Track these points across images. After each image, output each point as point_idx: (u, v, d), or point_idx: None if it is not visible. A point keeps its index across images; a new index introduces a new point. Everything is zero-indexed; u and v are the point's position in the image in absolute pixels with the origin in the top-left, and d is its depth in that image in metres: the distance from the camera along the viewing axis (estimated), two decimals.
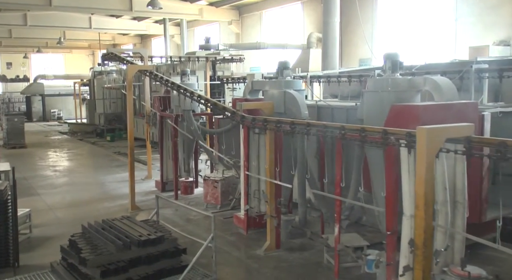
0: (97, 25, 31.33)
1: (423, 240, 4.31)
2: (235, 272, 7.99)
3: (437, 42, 17.16)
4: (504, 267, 7.96)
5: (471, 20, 15.96)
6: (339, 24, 16.26)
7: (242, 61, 18.93)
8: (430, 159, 4.22)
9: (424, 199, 4.25)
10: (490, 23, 15.33)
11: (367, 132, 5.63)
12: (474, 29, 15.80)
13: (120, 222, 7.41)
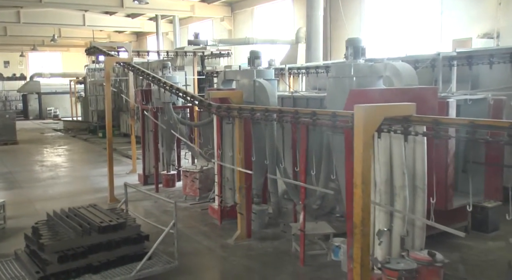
0: (91, 23, 31.37)
1: (361, 219, 4.29)
2: (202, 260, 8.00)
3: (423, 35, 17.13)
4: (470, 254, 7.94)
5: (457, 13, 15.92)
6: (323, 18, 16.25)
7: (229, 56, 18.94)
8: (367, 138, 4.20)
9: (362, 178, 4.23)
10: (475, 16, 15.29)
11: (318, 116, 5.62)
12: (460, 22, 15.76)
13: (85, 210, 7.41)
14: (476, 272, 7.21)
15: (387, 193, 6.26)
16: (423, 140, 6.43)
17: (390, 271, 5.86)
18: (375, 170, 6.25)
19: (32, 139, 26.06)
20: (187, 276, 7.21)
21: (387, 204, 6.28)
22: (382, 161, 6.14)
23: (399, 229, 6.40)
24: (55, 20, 30.48)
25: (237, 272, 7.46)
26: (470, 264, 7.56)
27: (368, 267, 4.50)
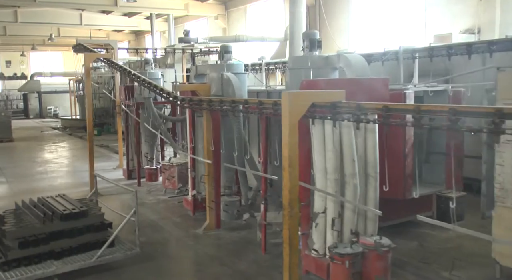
0: (88, 22, 31.66)
1: (289, 200, 4.48)
2: (168, 249, 8.20)
3: (409, 30, 17.27)
4: (431, 242, 8.11)
5: (440, 9, 16.05)
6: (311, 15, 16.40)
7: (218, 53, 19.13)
8: (293, 122, 4.38)
9: (289, 161, 4.42)
10: (457, 12, 15.42)
11: (265, 104, 5.80)
12: (442, 18, 15.89)
13: (52, 199, 7.63)
14: (430, 258, 7.37)
15: (337, 180, 6.44)
16: (374, 129, 6.61)
17: (336, 256, 6.06)
18: (325, 158, 6.45)
19: (28, 137, 26.39)
20: (149, 263, 7.41)
21: (337, 192, 6.46)
22: (331, 149, 6.32)
23: (350, 215, 6.57)
24: (52, 20, 30.75)
25: (199, 259, 7.67)
26: (428, 251, 7.74)
27: (297, 247, 4.68)
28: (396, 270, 6.92)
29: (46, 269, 6.48)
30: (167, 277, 6.92)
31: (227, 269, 7.16)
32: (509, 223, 5.17)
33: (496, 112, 3.65)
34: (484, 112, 3.74)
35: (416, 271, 6.96)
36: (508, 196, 5.14)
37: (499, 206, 5.25)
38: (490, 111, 3.67)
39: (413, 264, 7.20)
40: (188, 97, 7.93)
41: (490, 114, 3.66)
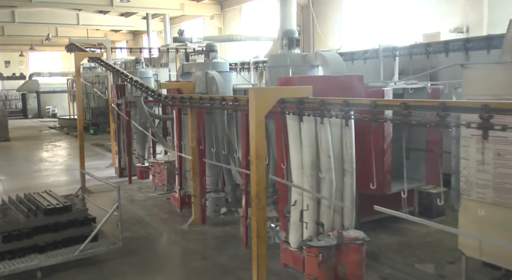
0: (85, 22, 31.83)
1: (256, 192, 4.64)
2: (152, 244, 8.35)
3: (400, 29, 17.42)
4: (411, 237, 8.25)
5: (429, 8, 16.20)
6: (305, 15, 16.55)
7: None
8: (260, 117, 4.54)
9: (256, 154, 4.58)
10: (446, 11, 15.56)
11: (240, 101, 5.97)
12: (432, 17, 16.03)
13: (38, 195, 7.80)
14: (408, 251, 7.52)
15: (313, 175, 6.60)
16: (350, 125, 6.78)
17: (310, 248, 6.22)
18: (301, 154, 6.61)
19: (25, 136, 26.57)
20: (132, 257, 7.57)
21: (313, 187, 6.62)
22: (307, 145, 6.48)
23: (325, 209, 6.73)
24: (49, 20, 30.94)
25: (181, 253, 7.84)
26: (407, 245, 7.89)
27: (265, 238, 4.85)
28: (373, 263, 7.08)
29: (29, 262, 6.64)
30: (148, 270, 7.08)
31: (208, 263, 7.33)
32: (474, 215, 5.32)
33: (482, 107, 3.67)
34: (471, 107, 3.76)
35: (392, 264, 7.11)
36: (473, 189, 5.29)
37: (465, 199, 5.40)
38: (477, 107, 3.67)
39: (390, 258, 7.34)
40: (170, 95, 8.09)
41: (477, 109, 3.68)
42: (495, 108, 3.64)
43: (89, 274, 6.93)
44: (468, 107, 3.88)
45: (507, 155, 4.89)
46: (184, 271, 7.14)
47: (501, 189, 4.99)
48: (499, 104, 3.68)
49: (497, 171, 5.04)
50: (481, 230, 5.22)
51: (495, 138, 5.02)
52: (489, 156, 5.11)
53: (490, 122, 3.72)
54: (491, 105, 3.66)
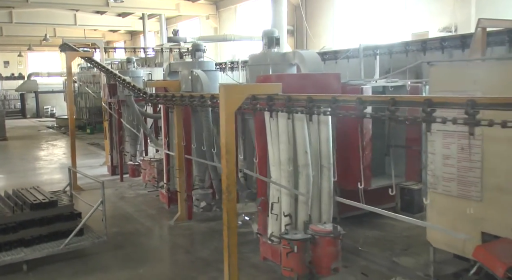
0: (82, 22, 32.06)
1: (226, 185, 4.83)
2: (137, 238, 8.54)
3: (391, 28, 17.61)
4: (390, 231, 8.44)
5: (419, 8, 16.38)
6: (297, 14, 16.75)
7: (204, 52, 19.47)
8: (229, 113, 4.73)
9: (226, 148, 4.77)
10: (435, 11, 15.75)
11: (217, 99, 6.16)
12: (422, 17, 16.22)
13: (26, 191, 7.99)
14: (386, 245, 7.71)
15: (289, 171, 6.78)
16: (327, 122, 6.97)
17: (285, 241, 6.41)
18: (278, 150, 6.80)
19: (23, 136, 26.81)
20: (117, 251, 7.78)
21: (290, 182, 6.80)
22: (283, 141, 6.67)
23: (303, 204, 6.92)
24: (47, 20, 31.18)
25: (165, 247, 8.05)
26: (386, 239, 8.08)
27: (235, 230, 5.04)
28: (350, 256, 7.28)
29: (15, 255, 6.83)
30: (131, 263, 7.27)
31: (190, 256, 7.53)
32: (440, 208, 5.50)
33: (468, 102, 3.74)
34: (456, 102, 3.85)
35: (369, 257, 7.29)
36: (439, 182, 5.48)
37: (432, 192, 5.59)
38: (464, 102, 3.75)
39: (367, 251, 7.53)
40: (155, 93, 8.29)
41: (463, 104, 3.76)
42: (482, 103, 3.64)
43: (74, 267, 7.12)
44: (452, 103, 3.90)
45: (470, 150, 5.08)
46: (166, 264, 7.34)
47: (464, 182, 5.18)
48: (485, 99, 3.69)
49: (460, 165, 5.22)
50: (447, 222, 5.41)
51: (458, 132, 5.21)
52: (453, 150, 5.29)
53: (476, 118, 3.74)
54: (478, 101, 3.69)
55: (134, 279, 6.77)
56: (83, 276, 6.83)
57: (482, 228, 5.04)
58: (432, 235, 5.67)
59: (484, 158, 4.99)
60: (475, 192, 5.05)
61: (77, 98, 30.79)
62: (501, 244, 4.63)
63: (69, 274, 6.90)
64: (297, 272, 6.32)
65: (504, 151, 4.78)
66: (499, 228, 4.86)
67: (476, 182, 5.06)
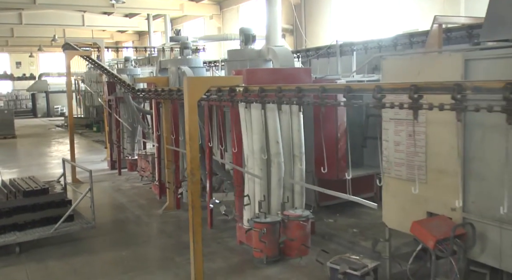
0: (89, 23, 32.79)
1: (190, 169, 5.30)
2: (126, 225, 9.07)
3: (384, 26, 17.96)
4: (365, 219, 8.85)
5: (411, 5, 16.73)
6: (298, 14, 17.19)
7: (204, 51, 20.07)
8: (192, 103, 5.19)
9: (189, 136, 5.24)
10: (426, 8, 16.06)
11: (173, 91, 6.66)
12: (413, 14, 16.56)
13: (21, 180, 8.55)
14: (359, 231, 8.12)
15: (262, 159, 7.25)
16: (298, 113, 7.42)
17: (257, 224, 6.88)
18: (252, 140, 7.27)
19: (31, 134, 27.56)
20: (106, 237, 8.32)
21: (263, 170, 7.27)
22: (256, 132, 7.14)
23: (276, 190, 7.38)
24: (55, 21, 31.95)
25: (150, 233, 8.55)
26: (360, 226, 8.49)
27: (199, 209, 5.50)
28: (322, 240, 7.72)
29: (8, 238, 7.37)
30: (117, 247, 7.79)
31: (172, 241, 8.02)
32: (393, 191, 5.91)
33: (411, 87, 4.14)
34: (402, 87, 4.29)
35: (340, 241, 7.72)
36: (392, 167, 5.89)
37: (386, 176, 6.00)
38: (408, 87, 4.17)
39: (340, 236, 7.95)
40: (142, 88, 8.80)
41: (408, 89, 4.17)
42: (422, 87, 4.06)
43: (63, 250, 7.65)
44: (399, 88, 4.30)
45: (416, 136, 5.49)
46: (148, 247, 7.83)
47: (412, 166, 5.59)
48: (425, 84, 4.10)
49: (409, 150, 5.64)
50: (399, 204, 5.82)
51: (407, 120, 5.62)
52: (403, 137, 5.71)
53: (420, 102, 4.17)
54: (419, 85, 4.10)
55: (117, 260, 7.27)
56: (71, 257, 7.35)
57: (427, 208, 5.44)
58: (387, 217, 6.08)
59: (428, 143, 5.39)
60: (420, 175, 5.45)
61: (85, 97, 31.54)
62: (435, 221, 5.03)
63: (58, 255, 7.41)
64: (267, 253, 6.79)
65: (443, 136, 5.18)
66: (440, 207, 5.26)
67: (422, 166, 5.47)
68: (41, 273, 6.81)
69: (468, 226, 4.83)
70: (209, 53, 25.78)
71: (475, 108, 3.73)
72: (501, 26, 4.75)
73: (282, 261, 6.88)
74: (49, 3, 25.33)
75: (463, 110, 3.88)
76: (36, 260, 7.26)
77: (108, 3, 25.77)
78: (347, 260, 5.33)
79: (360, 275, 5.05)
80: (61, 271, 6.88)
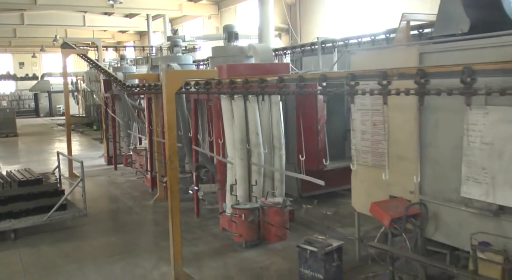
0: (90, 23, 33.27)
1: (169, 156, 5.72)
2: (117, 214, 9.52)
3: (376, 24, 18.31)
4: (344, 208, 9.21)
5: (401, 5, 17.09)
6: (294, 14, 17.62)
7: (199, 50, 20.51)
8: (170, 94, 5.60)
9: (167, 125, 5.65)
10: (416, 8, 16.43)
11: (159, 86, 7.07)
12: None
13: (18, 172, 9.00)
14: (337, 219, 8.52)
15: (243, 149, 7.66)
16: (278, 106, 7.84)
17: (236, 210, 7.29)
18: (233, 131, 7.69)
19: (33, 132, 28.09)
20: (96, 225, 8.76)
21: (243, 159, 7.68)
22: (237, 123, 7.56)
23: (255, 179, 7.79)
24: (57, 22, 32.42)
25: (138, 221, 8.97)
26: (340, 214, 8.88)
27: (177, 193, 5.92)
28: (301, 227, 8.11)
29: (3, 225, 7.81)
30: (107, 233, 8.23)
31: (159, 228, 8.43)
32: (361, 177, 6.31)
33: (380, 73, 4.51)
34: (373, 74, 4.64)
35: (318, 228, 8.10)
36: (360, 155, 6.29)
37: (354, 164, 6.40)
38: (378, 74, 4.52)
39: (319, 224, 8.35)
40: (131, 84, 9.23)
41: (377, 75, 4.53)
42: (390, 74, 4.41)
43: (56, 236, 8.08)
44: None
45: (380, 125, 5.88)
46: (137, 233, 8.24)
47: (376, 153, 5.99)
48: (394, 70, 4.45)
49: (373, 139, 6.04)
50: (366, 189, 6.22)
51: (372, 111, 6.03)
52: (368, 126, 6.11)
53: (388, 88, 4.51)
54: (389, 72, 4.45)
55: (106, 245, 7.70)
56: (63, 243, 7.78)
57: (390, 192, 5.83)
58: (355, 201, 6.48)
59: (390, 131, 5.79)
60: (383, 161, 5.85)
61: (86, 96, 32.04)
62: (392, 202, 5.43)
63: (50, 241, 7.84)
64: (245, 238, 7.20)
65: (402, 125, 5.58)
66: (400, 190, 5.65)
67: (384, 153, 5.86)
68: (34, 257, 7.23)
69: (421, 206, 5.22)
70: (208, 52, 26.17)
71: (436, 92, 4.04)
72: (450, 22, 5.15)
73: (261, 245, 7.29)
74: (50, 4, 25.81)
75: (426, 93, 4.17)
76: (30, 245, 7.69)
77: (108, 3, 26.20)
78: (314, 240, 5.73)
79: (324, 253, 5.44)
80: (53, 255, 7.30)
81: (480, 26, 4.85)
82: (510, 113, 4.31)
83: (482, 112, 4.53)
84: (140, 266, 6.70)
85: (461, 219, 4.93)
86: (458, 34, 5.01)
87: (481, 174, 4.61)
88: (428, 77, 4.15)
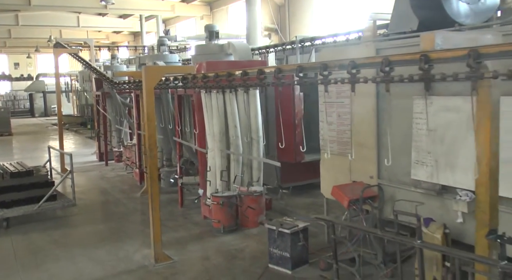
0: (84, 24, 33.72)
1: (148, 145, 6.19)
2: (105, 206, 9.97)
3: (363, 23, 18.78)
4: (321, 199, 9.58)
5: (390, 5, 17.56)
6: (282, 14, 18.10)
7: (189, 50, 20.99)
8: (149, 88, 6.07)
9: (147, 117, 6.12)
10: None
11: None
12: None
13: (10, 165, 9.44)
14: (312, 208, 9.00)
15: (222, 141, 8.14)
16: (255, 101, 8.31)
17: (215, 198, 7.76)
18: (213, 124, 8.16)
19: (28, 132, 28.48)
20: (85, 215, 9.23)
21: (223, 150, 8.16)
22: (216, 116, 8.03)
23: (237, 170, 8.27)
24: (51, 22, 32.87)
25: (125, 211, 9.43)
26: (316, 204, 9.34)
27: (156, 180, 6.39)
28: (278, 215, 8.55)
29: None
30: (95, 222, 8.71)
31: (144, 217, 8.87)
32: (328, 165, 6.80)
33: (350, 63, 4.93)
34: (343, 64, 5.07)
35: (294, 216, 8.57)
36: (327, 145, 6.77)
37: (322, 153, 6.89)
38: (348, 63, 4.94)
39: (296, 212, 8.81)
40: (117, 81, 9.70)
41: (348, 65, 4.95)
42: (360, 64, 4.84)
43: (46, 225, 8.54)
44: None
45: (344, 116, 6.37)
46: (123, 222, 8.70)
47: (341, 143, 6.47)
48: (362, 59, 4.88)
49: (339, 129, 6.52)
50: (333, 176, 6.70)
51: (337, 103, 6.52)
52: (334, 118, 6.59)
53: (357, 77, 4.92)
54: (357, 61, 4.88)
55: (94, 232, 8.17)
56: (52, 230, 8.24)
57: (353, 178, 6.32)
58: (323, 188, 6.96)
59: (352, 121, 6.28)
60: (347, 149, 6.34)
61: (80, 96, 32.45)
62: (352, 185, 5.92)
63: (41, 229, 8.30)
64: (224, 224, 7.68)
65: (363, 116, 6.08)
66: (361, 176, 6.14)
67: (348, 142, 6.35)
68: (25, 243, 7.69)
69: (378, 189, 5.71)
70: None
71: (399, 79, 4.46)
72: (401, 21, 5.64)
73: (238, 231, 7.76)
74: (44, 5, 26.24)
75: (390, 81, 4.58)
76: (21, 233, 8.15)
77: (101, 4, 26.64)
78: (282, 222, 6.21)
79: (290, 233, 5.92)
80: (43, 241, 7.75)
81: (427, 24, 5.34)
82: (450, 102, 4.81)
83: (428, 101, 5.02)
84: (124, 249, 7.17)
85: (412, 199, 5.42)
86: (408, 31, 5.51)
87: (427, 158, 5.10)
88: (391, 65, 4.60)
